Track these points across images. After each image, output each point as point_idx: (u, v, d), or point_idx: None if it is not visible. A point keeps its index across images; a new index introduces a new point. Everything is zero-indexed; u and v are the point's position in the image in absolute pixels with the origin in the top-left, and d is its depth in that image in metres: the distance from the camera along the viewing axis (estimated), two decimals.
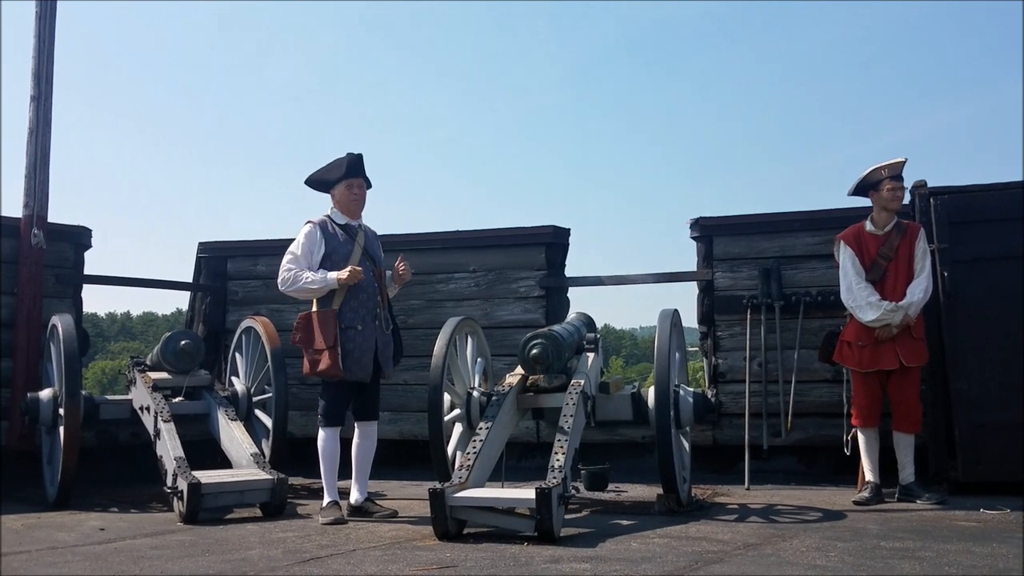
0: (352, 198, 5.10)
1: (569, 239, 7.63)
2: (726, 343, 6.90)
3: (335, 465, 5.00)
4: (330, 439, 4.99)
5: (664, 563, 3.57)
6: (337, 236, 5.05)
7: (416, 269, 5.67)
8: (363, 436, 5.11)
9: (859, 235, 5.57)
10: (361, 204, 5.16)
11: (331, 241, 5.01)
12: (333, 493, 4.94)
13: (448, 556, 3.77)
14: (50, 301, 6.62)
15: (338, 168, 5.10)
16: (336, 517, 4.77)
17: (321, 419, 5.01)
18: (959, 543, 3.98)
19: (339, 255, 5.00)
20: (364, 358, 4.95)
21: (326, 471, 4.97)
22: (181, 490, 4.91)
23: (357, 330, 4.93)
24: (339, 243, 5.03)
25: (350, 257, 5.00)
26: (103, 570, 3.57)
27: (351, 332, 4.92)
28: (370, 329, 4.98)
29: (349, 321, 4.92)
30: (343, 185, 5.08)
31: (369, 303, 5.01)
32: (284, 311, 7.67)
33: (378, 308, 5.05)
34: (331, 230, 5.05)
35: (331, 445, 4.99)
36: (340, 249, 5.02)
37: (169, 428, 5.43)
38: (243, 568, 3.57)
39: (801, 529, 4.43)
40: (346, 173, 5.07)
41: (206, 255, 8.30)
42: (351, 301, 4.95)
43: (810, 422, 6.55)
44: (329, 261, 4.98)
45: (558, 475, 4.31)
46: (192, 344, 6.25)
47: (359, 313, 4.96)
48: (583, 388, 4.94)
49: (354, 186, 5.10)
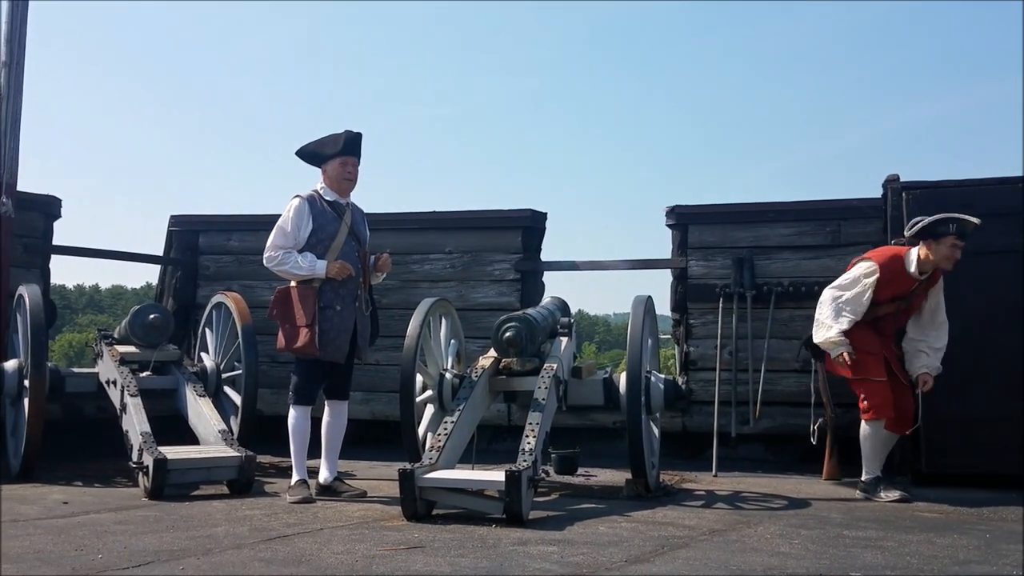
0: (345, 176, 5.03)
1: (546, 223, 7.63)
2: (698, 331, 6.94)
3: (305, 444, 4.96)
4: (301, 417, 4.96)
5: (631, 547, 3.60)
6: (325, 212, 4.97)
7: (392, 249, 5.63)
8: (333, 415, 5.09)
9: (897, 272, 5.21)
10: (353, 183, 5.09)
11: (319, 217, 4.94)
12: (302, 472, 4.92)
13: (416, 536, 3.77)
14: (17, 271, 6.51)
15: (334, 144, 5.02)
16: (304, 496, 4.75)
17: (292, 396, 4.97)
18: (921, 533, 4.04)
19: (326, 232, 4.93)
20: (340, 339, 4.91)
21: (296, 450, 4.94)
22: (147, 465, 4.86)
23: (336, 310, 4.89)
24: (327, 220, 4.95)
25: (336, 235, 4.94)
26: (66, 544, 3.53)
27: (329, 312, 4.87)
28: (349, 310, 4.94)
29: (328, 301, 4.88)
30: (337, 161, 5.01)
31: (351, 284, 4.96)
32: (256, 287, 7.61)
33: (359, 290, 5.01)
34: (319, 206, 4.97)
35: (301, 423, 4.95)
36: (327, 227, 4.94)
37: (136, 402, 5.38)
38: (208, 545, 3.55)
39: (766, 516, 4.47)
40: (342, 150, 5.00)
41: (178, 228, 8.21)
42: (332, 280, 4.89)
43: (778, 411, 6.62)
44: (315, 237, 4.91)
45: (528, 458, 4.32)
46: (161, 318, 6.18)
47: (339, 293, 4.92)
48: (556, 372, 4.95)
49: (348, 164, 5.03)
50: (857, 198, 6.76)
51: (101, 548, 3.45)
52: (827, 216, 6.77)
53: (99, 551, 3.40)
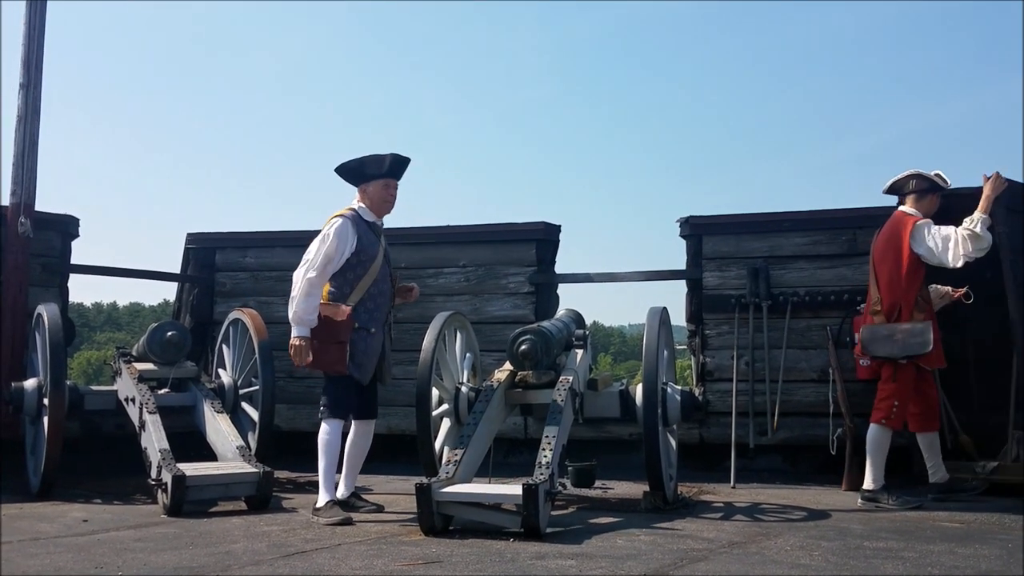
0: (387, 198, 5.00)
1: (559, 236, 7.63)
2: (714, 342, 6.92)
3: (335, 461, 4.82)
4: (334, 432, 4.82)
5: (649, 560, 3.58)
6: (368, 234, 4.91)
7: (406, 263, 5.66)
8: (359, 434, 5.02)
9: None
10: (392, 206, 5.07)
11: (363, 238, 4.87)
12: (332, 492, 4.77)
13: (434, 551, 3.77)
14: (36, 290, 6.57)
15: (378, 164, 4.97)
16: (343, 518, 4.57)
17: (325, 411, 4.85)
18: (942, 544, 4.01)
19: (367, 254, 4.87)
20: (369, 361, 4.87)
21: (326, 466, 4.78)
22: (165, 482, 4.88)
23: (370, 332, 4.85)
24: (369, 241, 4.90)
25: (376, 256, 4.91)
26: (86, 562, 3.55)
27: (363, 333, 4.83)
28: (380, 333, 4.92)
29: (364, 322, 4.84)
30: (381, 183, 4.96)
31: (384, 307, 4.96)
32: (272, 303, 7.64)
33: (389, 312, 5.02)
34: (363, 227, 4.91)
35: (334, 439, 4.81)
36: (369, 248, 4.89)
37: (154, 419, 5.40)
38: (227, 561, 3.56)
39: (786, 528, 4.44)
40: (388, 171, 4.96)
41: (194, 246, 8.26)
42: (368, 303, 4.86)
43: (796, 421, 6.57)
44: (356, 259, 4.84)
45: (545, 471, 4.31)
46: (179, 335, 6.21)
47: (374, 316, 4.89)
48: (571, 384, 4.94)
49: (392, 187, 5.00)
50: (873, 206, 6.71)
51: (121, 566, 3.47)
52: (843, 225, 6.73)
53: (119, 569, 3.42)
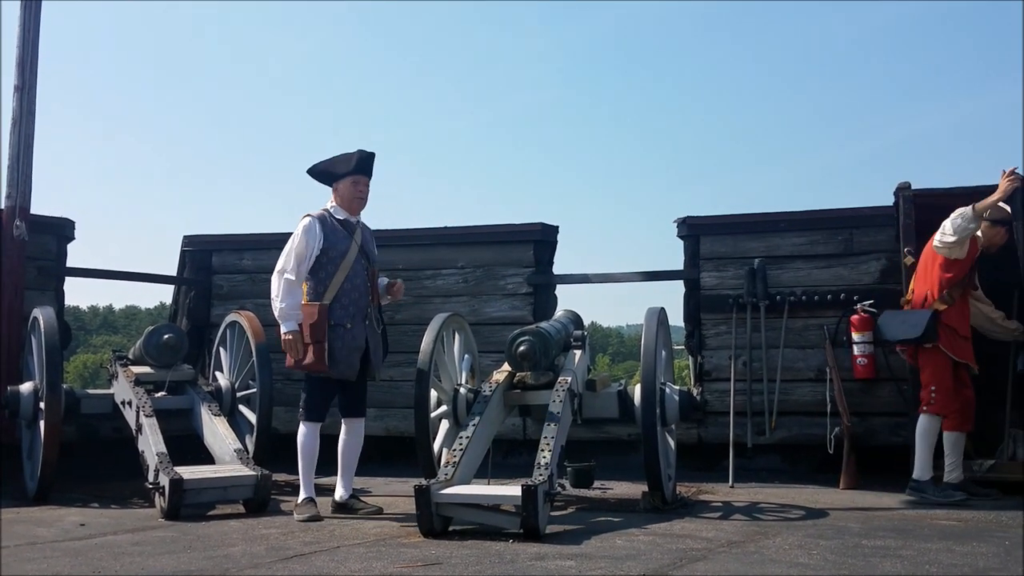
0: (356, 195, 5.05)
1: (557, 236, 7.63)
2: (712, 342, 6.92)
3: (313, 462, 4.97)
4: (310, 434, 4.96)
5: (648, 560, 3.58)
6: (336, 231, 4.98)
7: (404, 265, 5.67)
8: (349, 433, 5.08)
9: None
10: (364, 202, 5.11)
11: (330, 236, 4.95)
12: (309, 489, 4.92)
13: (433, 553, 3.76)
14: (32, 293, 6.56)
15: (346, 163, 5.04)
16: (312, 514, 4.74)
17: (302, 413, 4.98)
18: (940, 542, 4.01)
19: (337, 251, 4.94)
20: (351, 357, 4.91)
21: (303, 467, 4.95)
22: (163, 486, 4.87)
23: (346, 328, 4.89)
24: (338, 238, 4.97)
25: (347, 253, 4.95)
26: (83, 566, 3.54)
27: (340, 330, 4.88)
28: (360, 328, 4.95)
29: (339, 318, 4.89)
30: (349, 180, 5.02)
31: (360, 301, 4.98)
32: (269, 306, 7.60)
33: (369, 307, 5.02)
34: (331, 224, 4.99)
35: (310, 441, 4.95)
36: (339, 244, 4.95)
37: (151, 423, 5.39)
38: (225, 565, 3.55)
39: (784, 527, 4.45)
40: (355, 169, 5.02)
41: (191, 249, 8.25)
42: (342, 299, 4.91)
43: (794, 421, 6.58)
44: (326, 256, 4.92)
45: (544, 472, 4.31)
46: (175, 338, 6.20)
47: (349, 311, 4.93)
48: (570, 385, 4.94)
49: (360, 183, 5.05)
50: (869, 206, 6.74)
51: (118, 570, 3.46)
52: (839, 225, 6.75)
53: (116, 573, 3.41)
